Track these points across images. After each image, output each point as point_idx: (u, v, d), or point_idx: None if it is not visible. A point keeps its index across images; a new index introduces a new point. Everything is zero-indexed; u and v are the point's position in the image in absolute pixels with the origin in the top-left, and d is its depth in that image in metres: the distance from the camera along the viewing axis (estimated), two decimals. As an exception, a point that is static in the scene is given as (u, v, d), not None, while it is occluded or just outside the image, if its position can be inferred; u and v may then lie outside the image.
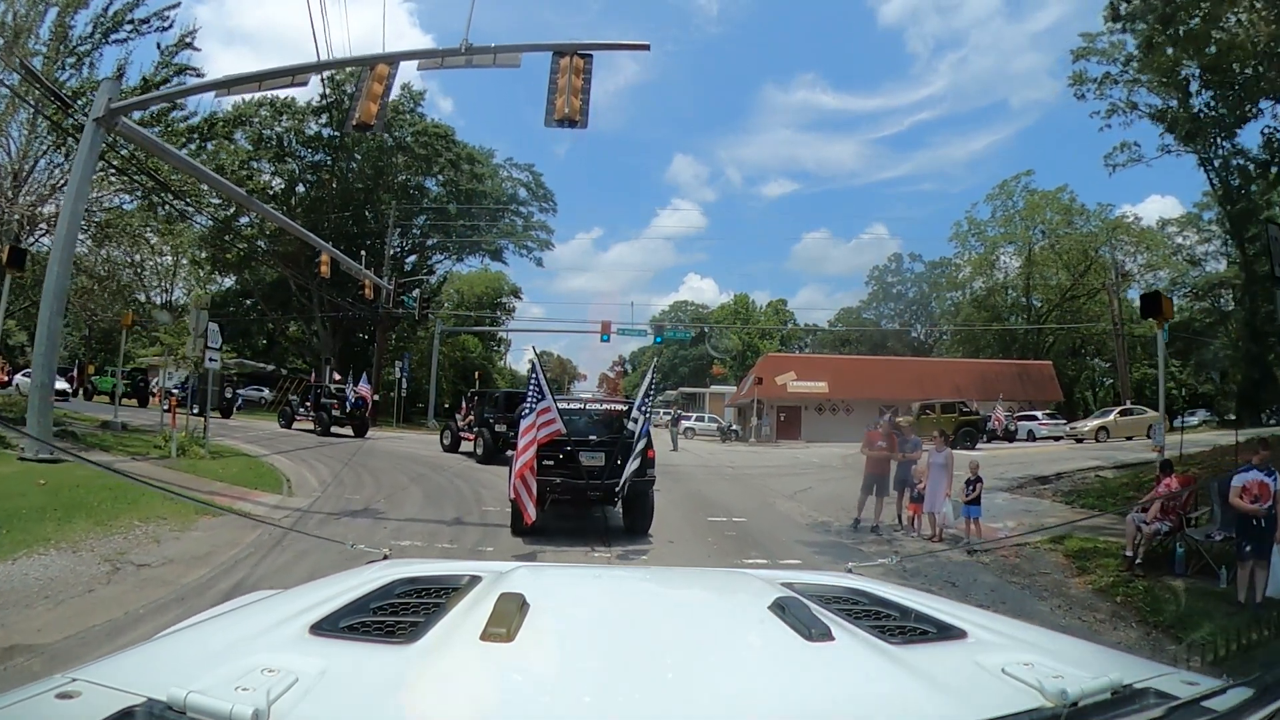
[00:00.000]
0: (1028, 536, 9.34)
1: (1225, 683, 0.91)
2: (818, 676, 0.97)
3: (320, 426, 21.42)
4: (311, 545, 6.50)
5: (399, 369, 30.50)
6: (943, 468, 9.06)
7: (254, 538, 7.23)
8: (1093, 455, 19.79)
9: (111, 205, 19.62)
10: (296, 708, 0.81)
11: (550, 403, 7.29)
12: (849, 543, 8.95)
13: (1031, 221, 43.53)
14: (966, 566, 7.99)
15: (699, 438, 31.61)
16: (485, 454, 15.91)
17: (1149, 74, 21.63)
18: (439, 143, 32.65)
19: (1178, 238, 42.21)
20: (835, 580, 1.72)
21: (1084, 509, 12.16)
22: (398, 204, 33.21)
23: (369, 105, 8.98)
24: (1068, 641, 1.34)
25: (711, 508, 10.56)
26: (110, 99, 11.93)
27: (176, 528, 7.58)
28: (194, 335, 13.15)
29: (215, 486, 10.09)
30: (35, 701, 0.83)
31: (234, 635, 1.12)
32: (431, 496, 10.55)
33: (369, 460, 15.04)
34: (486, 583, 1.36)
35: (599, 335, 31.30)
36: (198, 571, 6.09)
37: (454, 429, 18.51)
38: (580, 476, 8.00)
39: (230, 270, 36.24)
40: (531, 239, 38.63)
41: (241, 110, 32.61)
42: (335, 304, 30.05)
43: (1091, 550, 8.86)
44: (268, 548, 6.78)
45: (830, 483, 14.12)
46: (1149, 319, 12.57)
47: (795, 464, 19.08)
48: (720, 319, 58.59)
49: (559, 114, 8.61)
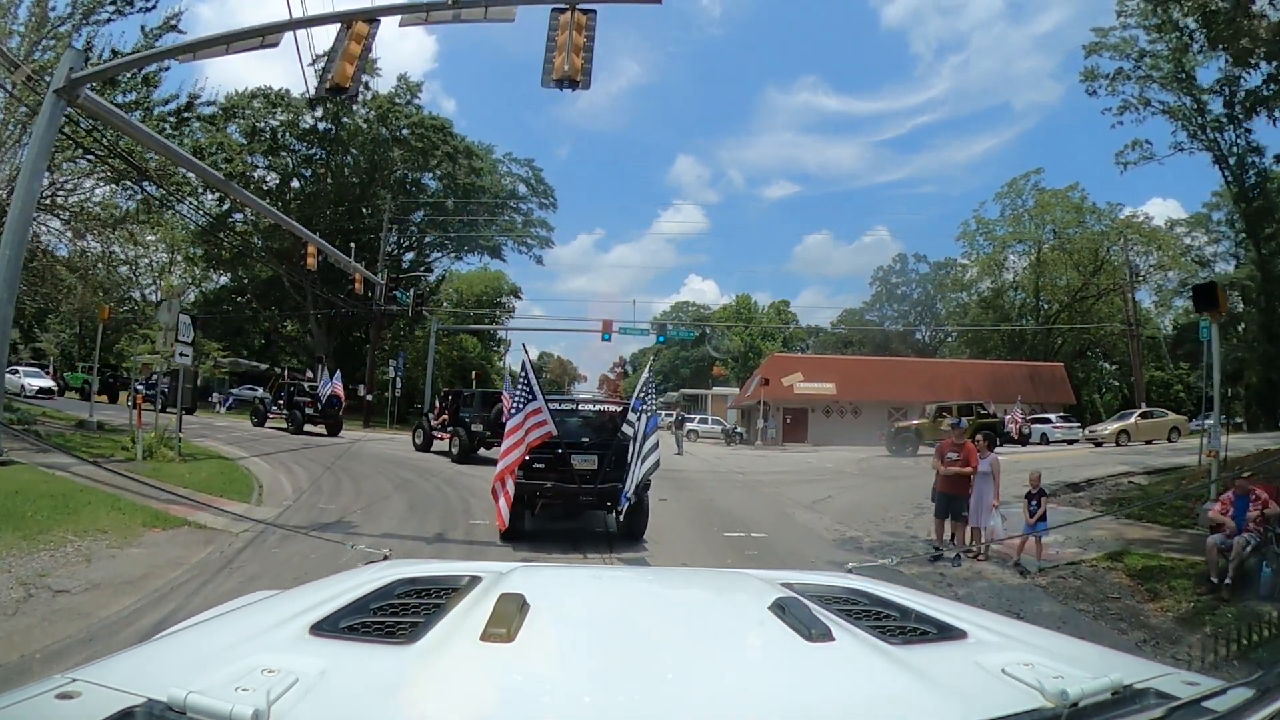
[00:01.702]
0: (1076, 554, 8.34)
1: (1225, 683, 0.90)
2: (818, 677, 0.96)
3: (294, 425, 20.97)
4: (264, 568, 5.50)
5: (393, 368, 29.45)
6: (988, 476, 8.06)
7: (202, 556, 6.23)
8: (1118, 460, 18.81)
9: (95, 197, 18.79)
10: (296, 708, 0.80)
11: (541, 403, 6.81)
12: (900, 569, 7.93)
13: (1041, 220, 42.74)
14: (1024, 591, 6.99)
15: (702, 440, 30.67)
16: (461, 453, 15.81)
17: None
18: (436, 135, 31.65)
19: (1186, 238, 41.53)
20: (835, 580, 1.71)
21: (1130, 520, 11.19)
22: (394, 199, 32.21)
23: (345, 66, 7.98)
24: (1068, 641, 1.32)
25: (726, 520, 9.51)
26: (72, 69, 10.98)
27: (116, 543, 6.57)
28: (165, 329, 12.12)
29: (178, 493, 9.08)
30: (35, 701, 0.83)
31: (234, 635, 1.10)
32: (415, 506, 9.52)
33: (353, 464, 14.01)
34: (486, 583, 1.36)
35: (600, 334, 30.33)
36: (123, 601, 5.07)
37: (426, 428, 18.23)
38: (572, 480, 7.52)
39: (224, 267, 35.25)
40: (531, 236, 37.66)
41: (234, 101, 31.76)
42: (329, 301, 29.05)
43: (1157, 569, 7.88)
44: (215, 569, 5.78)
45: (849, 491, 13.08)
46: (1201, 312, 11.54)
47: (807, 470, 18.04)
48: (722, 319, 57.77)
49: (557, 73, 7.61)
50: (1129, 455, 20.00)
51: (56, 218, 19.05)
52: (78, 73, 11.02)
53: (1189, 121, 28.84)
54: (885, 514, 10.38)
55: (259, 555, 6.22)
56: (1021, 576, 7.57)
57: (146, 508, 7.98)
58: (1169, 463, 17.75)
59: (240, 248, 31.29)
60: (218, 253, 33.10)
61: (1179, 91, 28.09)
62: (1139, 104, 29.11)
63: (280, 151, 32.30)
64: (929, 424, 22.54)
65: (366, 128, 31.84)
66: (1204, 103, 28.06)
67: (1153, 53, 27.79)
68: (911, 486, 13.36)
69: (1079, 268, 41.53)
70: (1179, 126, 28.97)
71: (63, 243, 20.40)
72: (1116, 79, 28.76)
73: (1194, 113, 28.59)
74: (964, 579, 7.16)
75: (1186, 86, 27.75)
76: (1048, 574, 7.67)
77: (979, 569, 7.77)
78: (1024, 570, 7.73)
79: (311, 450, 16.11)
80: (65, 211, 18.29)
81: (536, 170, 37.50)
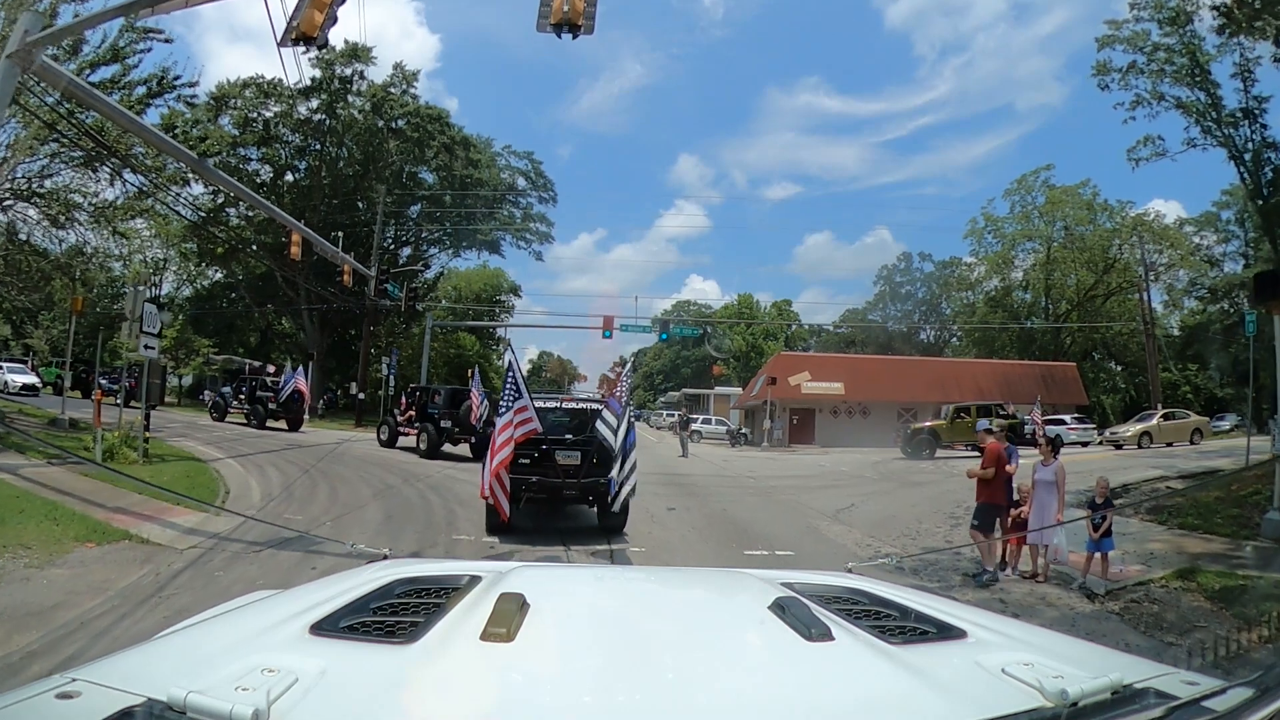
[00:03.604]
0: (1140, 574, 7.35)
1: (1225, 683, 0.90)
2: (818, 676, 0.96)
3: (256, 420, 20.69)
4: (198, 599, 4.53)
5: (386, 365, 28.42)
6: (1052, 485, 7.06)
7: (133, 579, 5.24)
8: (1147, 463, 17.81)
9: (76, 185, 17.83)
10: (296, 708, 0.80)
11: (527, 401, 7.02)
12: (954, 594, 6.93)
13: (1052, 217, 41.89)
14: (1100, 621, 6.00)
15: (706, 442, 29.70)
16: (429, 448, 15.99)
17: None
18: (432, 125, 30.62)
19: (1194, 237, 40.73)
20: (835, 580, 1.69)
21: (1184, 530, 10.21)
22: (390, 192, 31.18)
23: (313, 14, 6.96)
24: (1068, 641, 1.33)
25: (746, 536, 8.42)
26: (27, 31, 10.04)
27: (39, 560, 5.58)
28: (130, 319, 11.12)
29: (129, 500, 8.10)
30: (35, 701, 0.83)
31: (234, 635, 1.10)
32: (394, 517, 8.48)
33: (335, 467, 12.99)
34: (486, 583, 1.35)
35: (601, 332, 29.28)
36: (16, 641, 4.07)
37: (392, 425, 18.09)
38: (556, 475, 7.91)
39: (218, 262, 34.29)
40: (530, 231, 36.63)
41: (226, 90, 30.75)
42: (320, 296, 28.05)
43: (1238, 589, 6.92)
44: (140, 598, 4.79)
45: (873, 499, 12.01)
46: (1263, 304, 10.53)
47: (822, 474, 16.98)
48: (724, 318, 56.92)
49: (556, 16, 6.61)
50: (1156, 458, 19.00)
51: (34, 206, 18.15)
52: (33, 35, 10.09)
53: (1203, 117, 28.13)
54: (919, 525, 9.38)
55: (198, 579, 5.22)
56: (1090, 601, 6.59)
57: (87, 518, 7.00)
58: (1200, 466, 16.82)
59: (233, 242, 30.33)
60: (211, 248, 32.15)
61: (1193, 86, 27.37)
62: (1152, 98, 28.39)
63: (273, 143, 31.29)
64: (946, 425, 21.52)
65: (361, 118, 30.81)
66: (1219, 97, 27.37)
67: (1166, 46, 27.11)
68: (939, 493, 12.38)
69: (1089, 265, 40.72)
70: (1192, 122, 28.27)
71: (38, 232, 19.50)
72: (1129, 73, 28.10)
73: (1208, 107, 27.88)
74: (1028, 605, 6.17)
75: (1201, 81, 27.04)
76: (1119, 598, 6.69)
77: (1041, 592, 6.78)
78: (1090, 593, 6.75)
79: (294, 451, 15.10)
80: (41, 200, 17.37)
81: (536, 163, 36.51)
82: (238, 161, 30.67)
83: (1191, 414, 26.48)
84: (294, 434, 19.94)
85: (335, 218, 30.70)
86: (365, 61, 29.97)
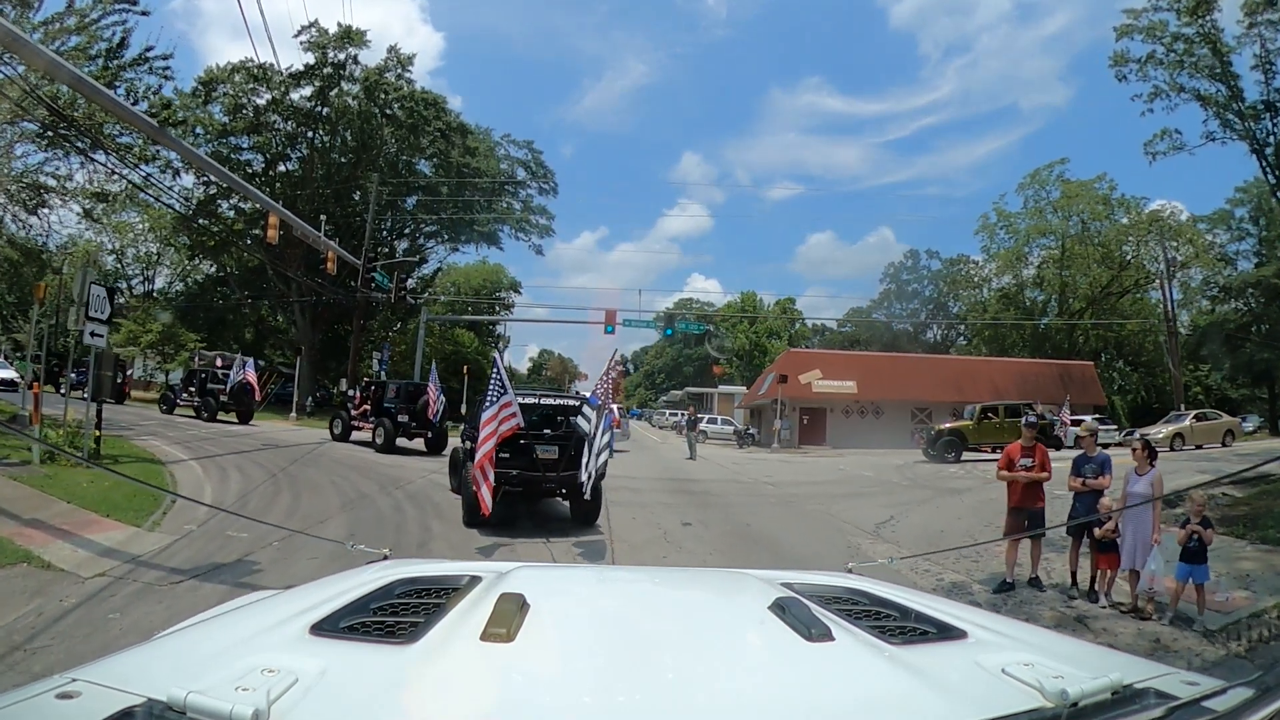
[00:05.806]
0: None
1: (1225, 683, 0.89)
2: (818, 677, 0.95)
3: (206, 413, 20.32)
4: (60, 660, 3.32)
5: (378, 361, 27.20)
6: (1148, 499, 5.86)
7: (6, 622, 4.01)
8: (1189, 467, 16.52)
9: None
10: (296, 708, 0.79)
11: (511, 397, 7.24)
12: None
13: (1067, 213, 40.70)
14: (1232, 670, 4.77)
15: (712, 442, 28.46)
16: (386, 442, 16.06)
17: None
18: (428, 110, 29.37)
19: (1207, 235, 39.58)
20: (835, 580, 1.68)
21: (1270, 545, 8.98)
22: (384, 181, 29.94)
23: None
24: (1068, 641, 1.32)
25: (780, 560, 6.75)
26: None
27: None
28: (77, 303, 9.91)
29: (53, 510, 6.89)
30: (35, 701, 0.82)
31: (234, 635, 1.10)
32: (359, 534, 7.15)
33: (307, 470, 11.72)
34: (486, 583, 1.33)
35: (603, 327, 28.04)
36: None
37: (345, 419, 17.87)
38: (536, 469, 8.05)
39: (209, 255, 33.12)
40: (530, 223, 35.38)
41: (214, 75, 29.54)
42: (310, 288, 26.84)
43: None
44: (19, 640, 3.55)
45: (912, 510, 10.66)
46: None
47: (844, 479, 15.67)
48: (728, 316, 55.79)
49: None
50: (1195, 461, 17.70)
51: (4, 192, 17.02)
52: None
53: (1223, 110, 27.06)
54: (976, 542, 8.12)
55: (84, 625, 4.01)
56: (1208, 641, 5.38)
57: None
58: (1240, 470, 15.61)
59: (224, 234, 29.16)
60: (201, 240, 30.99)
61: (1212, 78, 26.31)
62: (1171, 90, 27.33)
63: (264, 130, 30.04)
64: (972, 426, 20.25)
65: (355, 104, 29.59)
66: (1239, 90, 26.30)
67: (1185, 36, 26.06)
68: (981, 502, 11.14)
69: (1105, 261, 39.59)
70: (1211, 115, 27.21)
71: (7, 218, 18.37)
72: (1147, 63, 27.08)
73: (1229, 100, 26.82)
74: (1143, 650, 4.95)
75: (1221, 73, 25.96)
76: (1239, 636, 5.48)
77: (1140, 627, 5.57)
78: (1204, 629, 5.55)
79: (268, 453, 13.86)
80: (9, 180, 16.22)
81: (536, 152, 35.21)
82: (228, 151, 29.50)
83: (1224, 415, 25.32)
84: (276, 433, 18.82)
85: (329, 208, 29.50)
86: (359, 45, 28.79)
